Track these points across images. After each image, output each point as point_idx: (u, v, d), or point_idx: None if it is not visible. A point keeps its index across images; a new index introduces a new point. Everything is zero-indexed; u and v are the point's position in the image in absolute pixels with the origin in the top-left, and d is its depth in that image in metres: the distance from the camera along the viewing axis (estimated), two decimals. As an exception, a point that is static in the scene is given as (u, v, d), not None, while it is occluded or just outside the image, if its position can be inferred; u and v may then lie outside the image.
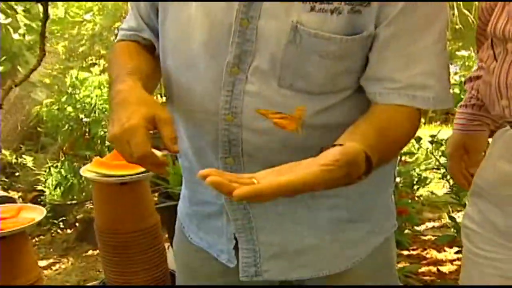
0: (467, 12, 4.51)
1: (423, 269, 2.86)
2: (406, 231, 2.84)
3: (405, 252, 3.02)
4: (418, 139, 3.17)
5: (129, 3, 1.17)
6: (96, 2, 6.55)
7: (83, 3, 6.53)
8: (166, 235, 2.72)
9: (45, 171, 4.03)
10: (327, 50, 0.91)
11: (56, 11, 6.27)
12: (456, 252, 2.81)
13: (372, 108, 0.95)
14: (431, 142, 3.14)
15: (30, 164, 4.28)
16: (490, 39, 1.07)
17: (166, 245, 2.21)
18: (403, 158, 3.67)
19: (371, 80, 0.96)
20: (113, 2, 6.65)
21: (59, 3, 6.73)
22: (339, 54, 0.92)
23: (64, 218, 3.75)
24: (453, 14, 4.49)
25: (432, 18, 0.94)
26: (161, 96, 3.72)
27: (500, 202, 1.09)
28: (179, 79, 1.03)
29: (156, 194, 2.89)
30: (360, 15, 0.90)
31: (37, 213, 1.82)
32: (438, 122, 6.86)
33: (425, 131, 4.34)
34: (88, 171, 1.97)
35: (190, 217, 1.18)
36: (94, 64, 5.96)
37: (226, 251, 1.09)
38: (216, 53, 0.95)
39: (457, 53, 6.72)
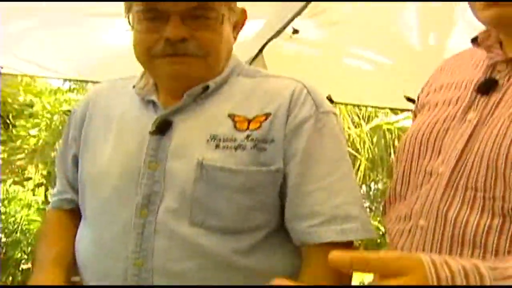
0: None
1: None
2: None
3: None
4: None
5: (56, 167, 1.19)
6: (46, 119, 6.70)
7: (32, 117, 6.67)
8: None
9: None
10: (234, 183, 0.92)
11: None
12: None
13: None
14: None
15: None
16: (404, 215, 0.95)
17: None
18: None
19: (294, 218, 0.95)
20: (60, 120, 6.78)
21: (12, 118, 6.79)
22: (248, 187, 0.92)
23: None
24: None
25: (341, 147, 0.97)
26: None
27: None
28: (92, 228, 1.02)
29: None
30: (265, 152, 0.94)
31: None
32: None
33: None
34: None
35: None
36: (29, 179, 5.99)
37: None
38: (127, 196, 0.96)
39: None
